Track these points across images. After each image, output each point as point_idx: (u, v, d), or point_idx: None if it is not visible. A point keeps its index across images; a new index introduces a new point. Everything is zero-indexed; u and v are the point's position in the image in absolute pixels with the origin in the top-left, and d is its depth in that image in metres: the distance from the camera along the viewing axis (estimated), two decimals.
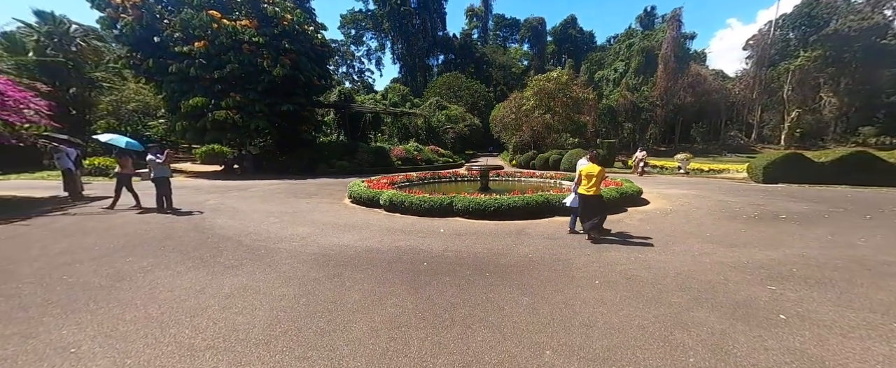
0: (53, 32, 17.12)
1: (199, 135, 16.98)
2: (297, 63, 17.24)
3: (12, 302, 3.24)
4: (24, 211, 7.60)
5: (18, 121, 8.04)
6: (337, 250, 5.11)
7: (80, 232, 5.81)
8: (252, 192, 11.32)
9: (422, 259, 4.70)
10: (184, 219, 6.93)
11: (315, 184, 13.87)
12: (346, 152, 20.99)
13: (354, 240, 5.65)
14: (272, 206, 8.79)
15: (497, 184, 13.59)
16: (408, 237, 5.85)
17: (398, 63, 65.06)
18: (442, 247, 5.23)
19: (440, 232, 6.18)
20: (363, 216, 7.73)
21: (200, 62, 15.34)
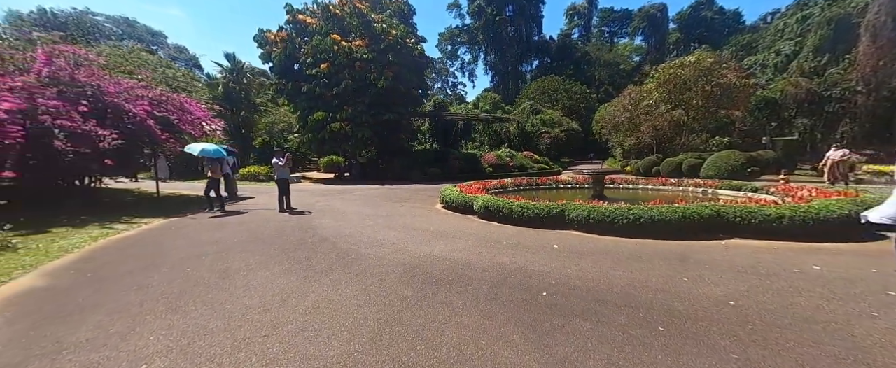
0: (234, 69, 22.89)
1: (321, 146, 19.64)
2: (398, 75, 18.29)
3: (141, 294, 3.38)
4: (199, 207, 9.49)
5: (197, 134, 10.32)
6: (429, 262, 4.26)
7: (218, 227, 6.64)
8: (355, 196, 12.01)
9: (537, 286, 3.39)
10: (295, 219, 7.36)
11: (409, 190, 14.06)
12: (438, 159, 21.19)
13: (448, 251, 4.75)
14: (370, 209, 8.87)
15: (614, 192, 11.00)
16: (512, 252, 4.61)
17: (490, 72, 65.29)
18: (562, 271, 3.79)
19: (553, 249, 4.77)
20: (456, 223, 6.94)
21: (324, 81, 17.78)
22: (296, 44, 18.41)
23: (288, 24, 18.54)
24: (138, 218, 7.25)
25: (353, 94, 18.12)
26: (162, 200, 9.82)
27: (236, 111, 22.72)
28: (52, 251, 4.76)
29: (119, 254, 4.74)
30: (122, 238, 5.69)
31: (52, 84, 7.32)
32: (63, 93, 7.32)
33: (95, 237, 5.66)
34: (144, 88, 8.98)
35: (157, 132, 8.38)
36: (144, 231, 6.24)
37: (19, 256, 4.44)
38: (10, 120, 6.09)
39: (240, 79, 23.12)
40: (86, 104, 7.43)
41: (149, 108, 8.50)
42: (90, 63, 8.36)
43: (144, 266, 4.21)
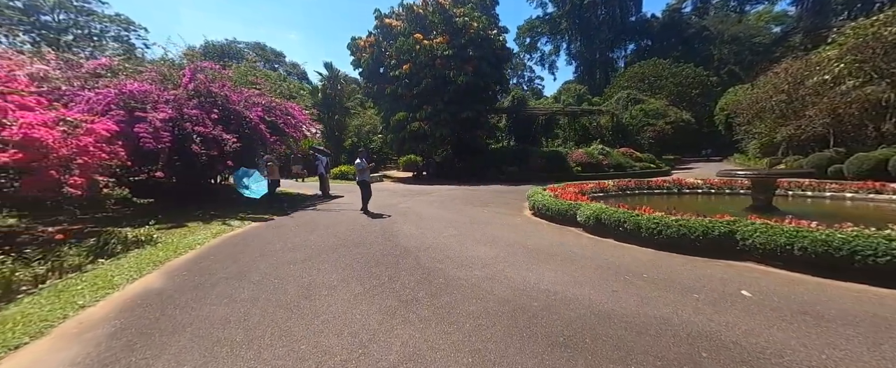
0: (331, 76, 25.47)
1: (401, 146, 20.17)
2: (479, 69, 17.39)
3: (227, 309, 3.16)
4: (296, 204, 10.18)
5: (299, 137, 11.25)
6: (543, 301, 3.14)
7: (310, 229, 6.71)
8: (433, 197, 11.56)
9: None
10: (377, 223, 7.07)
11: (489, 191, 13.04)
12: (517, 157, 19.61)
13: (564, 283, 3.57)
14: (451, 214, 8.16)
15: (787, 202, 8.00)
16: (670, 296, 3.16)
17: (574, 63, 59.48)
18: (803, 355, 2.17)
19: (743, 297, 3.15)
20: (557, 237, 5.71)
21: (405, 82, 18.08)
22: (382, 48, 19.19)
23: (375, 29, 19.46)
24: (251, 215, 7.97)
25: (432, 93, 17.97)
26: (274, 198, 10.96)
27: (331, 115, 25.24)
28: (181, 247, 5.24)
29: (225, 254, 4.93)
30: (233, 236, 6.11)
31: (194, 96, 8.64)
32: (201, 103, 8.54)
33: (215, 233, 6.22)
34: (259, 95, 10.09)
35: (267, 135, 9.26)
36: (251, 229, 6.68)
37: (156, 251, 4.94)
38: (164, 127, 7.25)
39: (335, 86, 25.61)
40: (217, 112, 8.55)
41: (261, 114, 9.47)
42: (222, 77, 9.72)
43: (239, 272, 4.16)
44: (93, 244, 4.44)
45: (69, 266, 3.87)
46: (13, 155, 4.01)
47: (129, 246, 4.92)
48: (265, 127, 9.34)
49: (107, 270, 4.05)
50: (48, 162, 4.36)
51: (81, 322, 2.82)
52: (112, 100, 7.26)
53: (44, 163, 4.31)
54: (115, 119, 6.97)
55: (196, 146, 7.60)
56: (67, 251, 4.04)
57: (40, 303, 3.12)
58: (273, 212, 8.54)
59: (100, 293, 3.43)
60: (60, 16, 43.00)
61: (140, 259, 4.54)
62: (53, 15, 41.98)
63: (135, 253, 4.81)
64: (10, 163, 3.97)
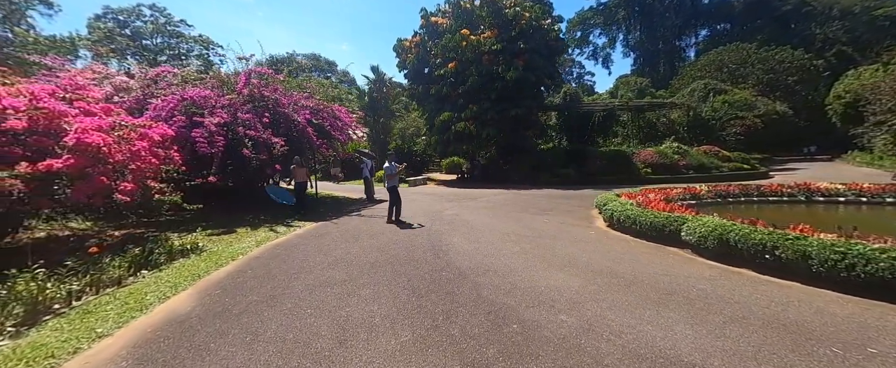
0: (377, 79, 25.83)
1: (445, 147, 19.50)
2: (530, 63, 16.01)
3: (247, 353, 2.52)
4: (340, 209, 9.91)
5: (345, 140, 11.05)
6: None
7: (353, 239, 6.15)
8: (481, 203, 10.56)
9: None
10: (423, 235, 6.27)
11: (544, 196, 11.64)
12: (572, 158, 17.75)
13: (722, 353, 2.28)
14: (506, 224, 7.09)
15: None
16: None
17: (632, 54, 54.20)
18: None
19: None
20: (656, 261, 4.44)
21: (450, 81, 17.36)
22: (427, 47, 18.72)
23: (421, 29, 19.06)
24: (297, 220, 7.75)
25: (478, 91, 16.99)
26: (318, 202, 10.90)
27: (377, 118, 25.55)
28: (223, 257, 4.94)
29: (262, 268, 4.48)
30: (276, 244, 5.77)
31: (248, 101, 8.75)
32: (254, 107, 8.60)
33: (259, 241, 5.95)
34: (307, 98, 10.04)
35: (313, 138, 9.11)
36: (294, 237, 6.33)
37: (198, 262, 4.68)
38: (218, 132, 7.30)
39: (381, 89, 25.92)
40: (268, 116, 8.54)
41: (309, 116, 9.35)
42: (273, 80, 9.83)
43: (272, 294, 3.60)
44: (137, 253, 4.27)
45: (109, 279, 3.64)
46: (65, 160, 3.93)
47: (175, 255, 4.73)
48: (312, 130, 9.19)
49: (144, 285, 3.76)
50: (99, 168, 4.28)
51: (87, 363, 2.36)
52: (175, 106, 7.51)
53: (96, 169, 4.22)
54: (177, 124, 7.17)
55: (247, 150, 7.56)
56: (109, 262, 3.85)
57: (61, 328, 2.79)
58: (317, 218, 8.28)
59: (125, 316, 3.05)
60: (157, 40, 50.51)
61: (180, 271, 4.26)
62: (152, 39, 49.42)
63: (178, 263, 4.59)
64: (62, 169, 3.88)
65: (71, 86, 4.99)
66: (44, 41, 25.92)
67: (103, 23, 42.31)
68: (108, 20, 43.97)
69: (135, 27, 46.67)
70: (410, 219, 7.84)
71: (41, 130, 4.13)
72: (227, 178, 7.71)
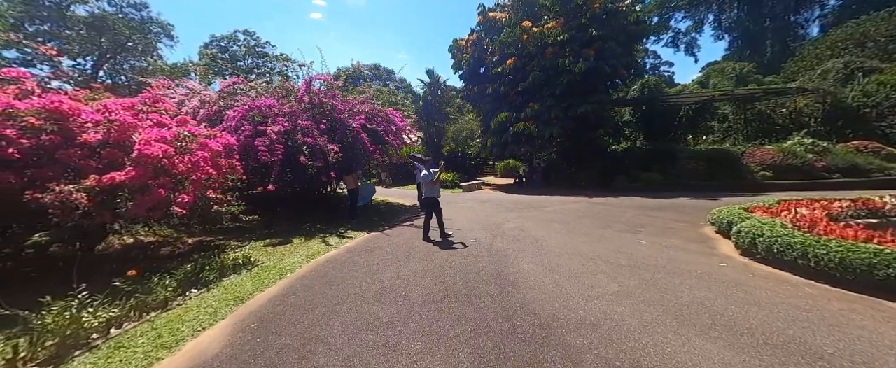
0: (432, 82, 25.68)
1: (502, 150, 18.24)
2: (603, 51, 13.91)
3: None
4: (393, 217, 9.41)
5: (399, 144, 10.64)
6: None
7: (404, 257, 5.43)
8: (549, 213, 9.14)
9: None
10: (485, 258, 5.24)
11: (627, 207, 9.67)
12: (656, 160, 14.99)
13: None
14: (587, 244, 5.69)
15: None
16: None
17: (726, 37, 45.86)
18: None
19: None
20: (881, 327, 2.66)
21: (509, 78, 16.10)
22: (483, 45, 17.76)
23: (478, 26, 18.18)
24: (350, 230, 7.41)
25: (540, 88, 15.41)
26: (371, 208, 10.67)
27: (431, 122, 25.36)
28: (271, 275, 4.62)
29: (305, 295, 3.96)
30: (325, 261, 5.34)
31: (308, 108, 8.80)
32: (313, 114, 8.59)
33: (310, 255, 5.61)
34: (362, 103, 9.84)
35: (367, 144, 8.79)
36: (344, 252, 5.88)
37: (245, 282, 4.40)
38: (278, 140, 7.32)
39: (435, 92, 25.71)
40: (325, 122, 8.46)
41: (364, 121, 9.10)
42: (332, 86, 9.84)
43: (307, 335, 2.97)
44: (189, 270, 4.11)
45: (154, 301, 3.42)
46: (128, 172, 3.89)
47: (226, 271, 4.52)
48: (366, 135, 8.89)
49: (185, 311, 3.47)
50: (160, 180, 4.23)
51: None
52: (243, 116, 7.78)
53: (156, 181, 4.17)
54: (244, 134, 7.39)
55: (304, 157, 7.46)
56: (158, 282, 3.68)
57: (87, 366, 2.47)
58: (370, 227, 7.88)
59: (151, 356, 2.67)
60: (248, 60, 59.04)
61: (226, 292, 3.96)
62: (244, 60, 57.87)
63: (227, 281, 4.35)
64: (125, 182, 3.84)
65: (149, 99, 5.19)
66: (167, 67, 31.69)
67: (209, 49, 50.64)
68: (212, 46, 52.53)
69: (232, 51, 54.92)
70: (466, 233, 6.92)
71: (113, 142, 4.22)
72: (285, 186, 7.75)
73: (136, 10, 35.61)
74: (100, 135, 4.14)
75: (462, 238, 6.56)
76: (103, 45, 32.38)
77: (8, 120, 3.49)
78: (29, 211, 3.30)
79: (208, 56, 48.02)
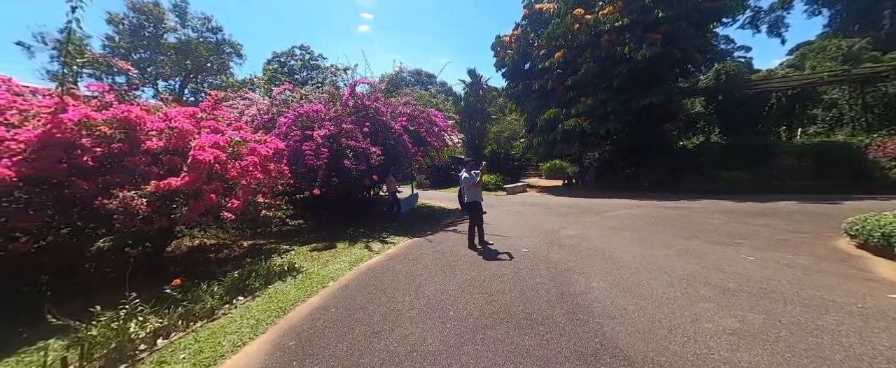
0: (473, 83, 25.12)
1: (550, 149, 17.03)
2: (672, 34, 12.16)
3: None
4: (435, 222, 9.00)
5: (440, 146, 10.26)
6: None
7: (448, 267, 4.95)
8: (611, 219, 8.03)
9: None
10: (543, 272, 4.52)
11: (712, 212, 8.13)
12: (743, 155, 12.75)
13: None
14: (673, 259, 4.66)
15: None
16: None
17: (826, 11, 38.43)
18: None
19: None
20: None
21: (557, 72, 14.94)
22: (529, 39, 16.79)
23: (523, 20, 17.27)
24: (392, 237, 7.17)
25: (593, 81, 14.02)
26: (413, 212, 10.42)
27: (473, 123, 24.79)
28: (314, 283, 4.46)
29: (344, 310, 3.66)
30: (366, 270, 5.07)
31: (352, 112, 8.83)
32: (357, 118, 8.57)
33: (352, 262, 5.42)
34: (404, 105, 9.65)
35: (409, 146, 8.54)
36: (386, 260, 5.57)
37: (288, 290, 4.27)
38: (324, 144, 7.35)
39: (477, 92, 25.11)
40: (368, 125, 8.38)
41: (405, 123, 8.89)
42: (375, 89, 9.82)
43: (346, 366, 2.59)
44: (236, 277, 4.07)
45: (201, 310, 3.36)
46: (183, 178, 3.95)
47: (272, 278, 4.45)
48: (408, 137, 8.65)
49: (229, 322, 3.36)
50: (212, 185, 4.28)
51: None
52: (293, 122, 7.99)
53: (209, 186, 4.23)
54: (293, 139, 7.57)
55: (348, 161, 7.40)
56: (206, 289, 3.65)
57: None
58: (412, 232, 7.57)
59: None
60: (303, 73, 64.44)
61: (268, 303, 3.82)
62: (300, 73, 63.29)
63: (272, 289, 4.25)
64: (181, 187, 3.90)
65: (208, 106, 5.43)
66: (236, 83, 35.65)
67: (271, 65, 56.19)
68: (273, 62, 58.19)
69: (289, 65, 60.29)
70: (516, 240, 6.24)
71: (173, 149, 4.38)
72: (331, 190, 7.80)
73: (213, 34, 40.44)
74: (162, 142, 4.32)
75: (511, 246, 5.91)
76: (188, 67, 37.25)
77: (84, 129, 3.76)
78: (99, 216, 3.50)
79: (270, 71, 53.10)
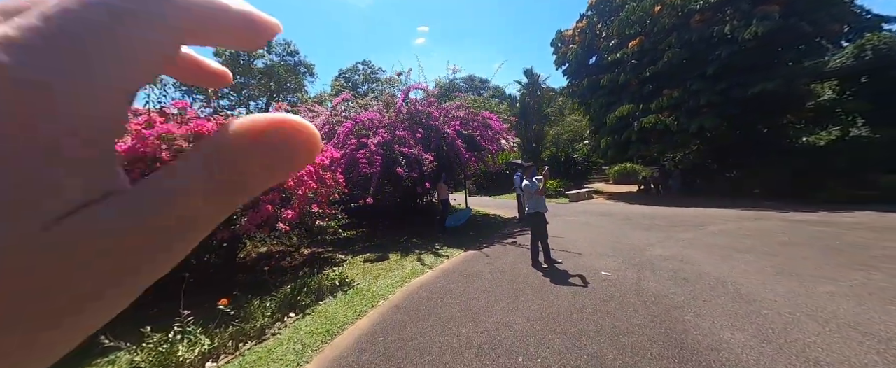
0: (530, 83, 23.76)
1: (621, 151, 14.99)
2: (795, 4, 9.58)
3: None
4: (491, 232, 8.28)
5: (495, 150, 9.52)
6: None
7: (512, 293, 4.20)
8: (719, 235, 6.36)
9: None
10: (636, 307, 3.49)
11: (883, 229, 5.84)
12: None
13: None
14: (843, 298, 3.22)
15: None
16: None
17: None
18: None
19: None
20: None
21: (631, 63, 13.07)
22: (595, 30, 15.14)
23: (589, 10, 15.70)
24: (445, 249, 6.68)
25: (681, 69, 11.87)
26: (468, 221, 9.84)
27: (529, 125, 23.41)
28: (364, 301, 4.16)
29: (393, 340, 3.19)
30: (417, 288, 4.62)
31: (406, 118, 8.67)
32: (411, 124, 8.38)
33: (404, 277, 5.04)
34: (457, 108, 9.20)
35: (462, 151, 8.03)
36: (439, 276, 5.08)
37: (339, 307, 4.03)
38: (377, 151, 7.24)
39: (534, 92, 23.72)
40: (421, 131, 8.11)
41: (459, 127, 8.41)
42: (429, 94, 9.57)
43: None
44: (288, 291, 3.96)
45: (252, 329, 3.24)
46: None
47: (323, 292, 4.27)
48: (461, 141, 8.14)
49: (275, 346, 3.15)
50: (269, 196, 4.28)
51: None
52: (350, 131, 8.10)
53: (265, 196, 4.23)
54: (349, 147, 7.64)
55: (400, 168, 7.17)
56: (258, 306, 3.55)
57: None
58: (466, 244, 6.97)
59: None
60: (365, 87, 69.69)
61: (317, 324, 3.58)
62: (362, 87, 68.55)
63: (321, 306, 4.05)
64: None
65: None
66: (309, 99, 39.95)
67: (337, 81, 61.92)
68: (340, 78, 64.02)
69: (353, 80, 65.58)
70: (590, 259, 5.21)
71: None
72: (385, 198, 7.67)
73: (292, 56, 45.96)
74: None
75: (586, 267, 4.92)
76: (272, 88, 42.78)
77: (164, 142, 4.04)
78: None
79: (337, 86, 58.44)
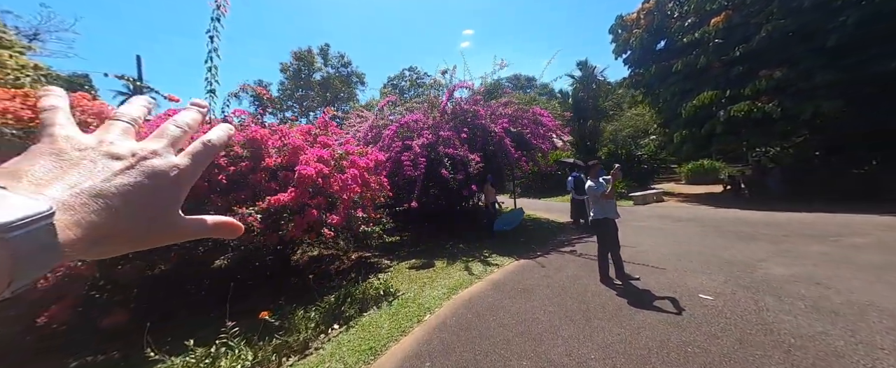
0: (584, 76, 21.89)
1: (701, 146, 12.85)
2: None
3: None
4: (543, 238, 7.53)
5: (547, 149, 8.67)
6: None
7: (579, 315, 3.50)
8: (861, 249, 4.82)
9: None
10: (769, 347, 2.55)
11: None
12: None
13: None
14: None
15: None
16: None
17: None
18: None
19: None
20: None
21: (715, 43, 11.10)
22: (665, 10, 13.27)
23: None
24: (494, 256, 6.13)
25: (784, 44, 9.73)
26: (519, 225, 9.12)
27: (583, 121, 21.56)
28: (410, 315, 3.85)
29: (442, 363, 2.76)
30: (465, 303, 4.16)
31: (451, 119, 8.32)
32: (456, 125, 8.00)
33: (453, 287, 4.64)
34: (504, 106, 8.58)
35: (511, 150, 7.40)
36: (489, 289, 4.56)
37: (382, 320, 3.76)
38: (421, 153, 6.99)
39: (589, 86, 21.81)
40: (466, 131, 7.68)
41: (506, 125, 7.80)
42: (474, 92, 9.11)
43: None
44: (333, 301, 3.81)
45: (295, 342, 3.09)
46: (290, 193, 3.95)
47: (368, 303, 4.06)
48: (509, 140, 7.51)
49: (317, 364, 2.95)
50: (316, 200, 4.21)
51: None
52: (394, 133, 8.00)
53: (312, 201, 4.16)
54: (394, 150, 7.52)
55: (445, 170, 6.81)
56: (303, 317, 3.42)
57: None
58: (518, 251, 6.33)
59: None
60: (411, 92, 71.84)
61: (360, 340, 3.33)
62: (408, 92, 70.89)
63: (365, 318, 3.81)
64: (287, 203, 3.90)
65: (321, 123, 5.69)
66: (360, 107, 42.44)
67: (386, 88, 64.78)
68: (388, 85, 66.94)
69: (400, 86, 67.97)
70: (677, 276, 4.25)
71: (286, 165, 4.54)
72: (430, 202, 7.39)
73: (345, 68, 49.13)
74: (278, 158, 4.54)
75: (675, 286, 3.99)
76: (328, 98, 46.13)
77: (222, 149, 4.22)
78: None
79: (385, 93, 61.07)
